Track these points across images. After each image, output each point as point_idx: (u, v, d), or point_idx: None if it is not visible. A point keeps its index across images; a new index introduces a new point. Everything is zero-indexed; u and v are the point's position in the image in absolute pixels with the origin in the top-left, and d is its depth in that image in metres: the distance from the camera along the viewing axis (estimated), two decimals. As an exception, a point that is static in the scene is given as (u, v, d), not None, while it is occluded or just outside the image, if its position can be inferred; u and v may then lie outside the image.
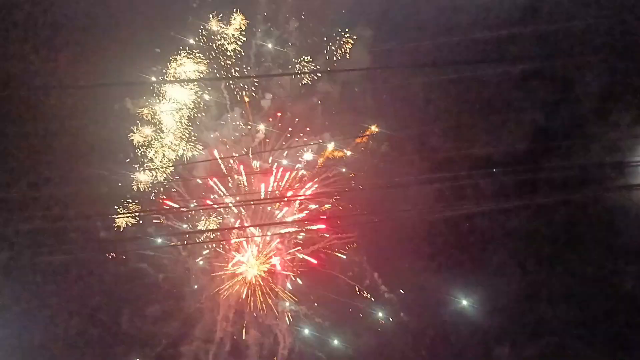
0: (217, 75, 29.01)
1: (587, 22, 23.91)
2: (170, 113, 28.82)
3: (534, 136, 25.77)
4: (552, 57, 24.78)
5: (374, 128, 28.96)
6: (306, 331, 30.11)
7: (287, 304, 29.96)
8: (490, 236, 27.33)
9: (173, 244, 29.56)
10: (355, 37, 28.74)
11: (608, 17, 23.83)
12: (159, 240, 29.61)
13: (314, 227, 29.93)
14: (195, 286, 29.94)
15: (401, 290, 29.38)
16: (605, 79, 24.75)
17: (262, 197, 29.52)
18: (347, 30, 28.80)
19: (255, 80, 29.02)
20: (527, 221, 26.43)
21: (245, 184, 29.81)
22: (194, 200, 29.83)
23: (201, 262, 30.01)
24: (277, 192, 29.65)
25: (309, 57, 28.89)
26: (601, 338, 26.94)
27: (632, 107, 24.79)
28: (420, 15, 26.13)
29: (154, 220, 29.20)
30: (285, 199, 29.83)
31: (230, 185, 29.79)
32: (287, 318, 30.07)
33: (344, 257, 29.77)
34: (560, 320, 27.34)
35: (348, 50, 28.73)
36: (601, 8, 24.11)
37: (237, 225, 29.79)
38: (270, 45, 28.92)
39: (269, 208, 30.26)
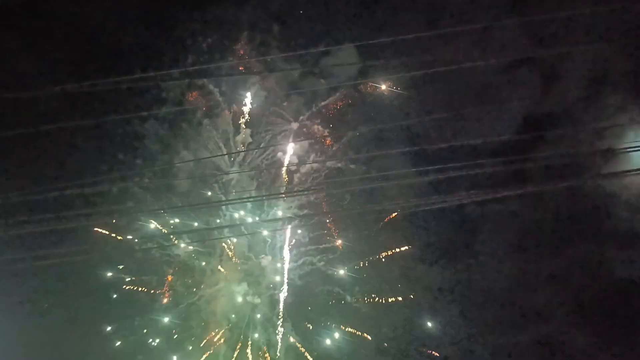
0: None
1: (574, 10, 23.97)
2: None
3: (522, 125, 25.95)
4: (540, 45, 24.89)
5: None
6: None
7: None
8: (479, 224, 27.49)
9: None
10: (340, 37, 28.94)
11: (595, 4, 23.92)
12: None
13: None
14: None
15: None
16: (592, 65, 24.93)
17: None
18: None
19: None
20: (516, 209, 26.58)
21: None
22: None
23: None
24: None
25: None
26: (592, 324, 27.13)
27: (620, 94, 24.97)
28: (405, 8, 26.26)
29: None
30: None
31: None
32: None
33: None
34: (550, 307, 27.51)
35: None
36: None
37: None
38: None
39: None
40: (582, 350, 27.49)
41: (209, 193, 29.36)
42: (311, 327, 30.62)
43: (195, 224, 29.99)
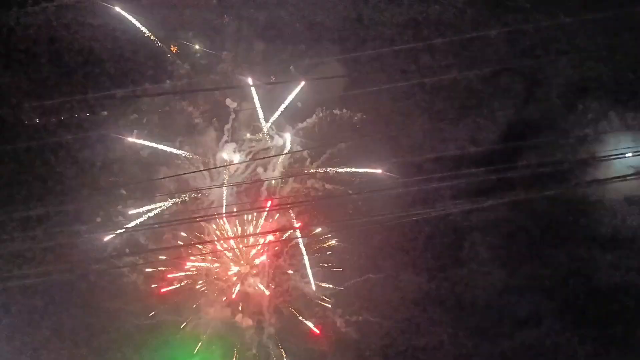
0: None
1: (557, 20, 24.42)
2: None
3: (506, 133, 26.13)
4: (522, 55, 25.24)
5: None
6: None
7: None
8: (465, 232, 27.50)
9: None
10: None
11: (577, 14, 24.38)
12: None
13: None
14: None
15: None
16: (574, 74, 25.34)
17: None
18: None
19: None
20: (502, 216, 26.66)
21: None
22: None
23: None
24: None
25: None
26: (580, 329, 27.13)
27: (601, 101, 25.40)
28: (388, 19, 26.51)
29: None
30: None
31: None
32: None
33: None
34: (537, 313, 27.50)
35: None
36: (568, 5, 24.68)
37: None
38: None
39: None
40: (571, 355, 27.44)
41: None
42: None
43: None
